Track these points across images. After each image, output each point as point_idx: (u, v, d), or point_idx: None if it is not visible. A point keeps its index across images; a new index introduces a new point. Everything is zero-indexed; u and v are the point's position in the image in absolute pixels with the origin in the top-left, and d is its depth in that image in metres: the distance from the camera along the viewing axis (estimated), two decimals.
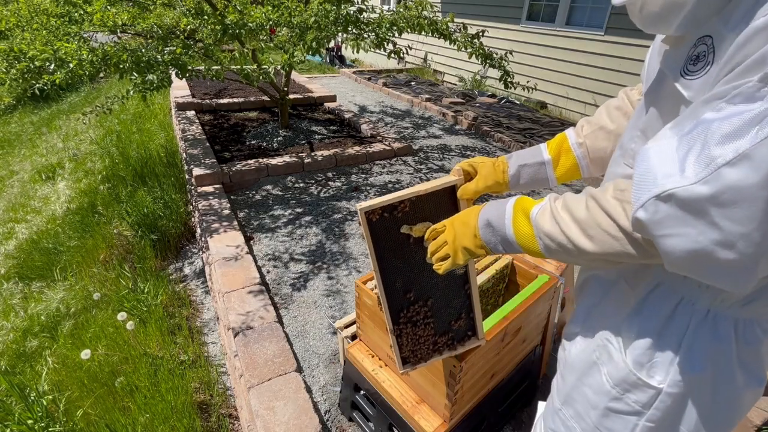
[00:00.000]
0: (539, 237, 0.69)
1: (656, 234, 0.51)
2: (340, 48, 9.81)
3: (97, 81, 8.97)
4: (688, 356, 0.64)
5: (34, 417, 1.73)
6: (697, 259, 0.49)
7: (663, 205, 0.50)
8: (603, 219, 0.61)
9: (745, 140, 0.44)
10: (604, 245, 0.60)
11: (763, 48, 0.44)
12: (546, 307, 1.47)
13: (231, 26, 2.96)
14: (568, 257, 0.66)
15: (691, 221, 0.48)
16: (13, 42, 2.69)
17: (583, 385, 0.78)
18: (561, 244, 0.65)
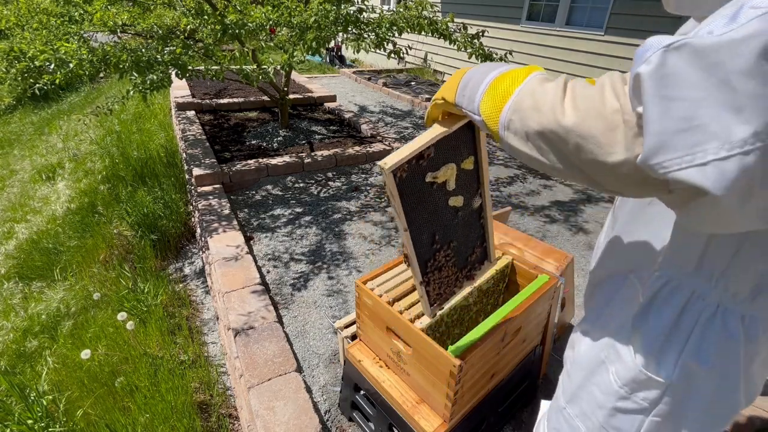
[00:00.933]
0: (518, 93, 0.57)
1: (654, 93, 0.41)
2: (340, 48, 9.81)
3: (97, 81, 8.97)
4: (697, 351, 0.64)
5: (34, 417, 1.73)
6: (689, 131, 0.40)
7: (672, 57, 0.40)
8: (607, 94, 0.49)
9: None
10: (584, 122, 0.48)
11: None
12: (546, 307, 1.47)
13: (231, 26, 2.96)
14: (533, 124, 0.54)
15: (701, 78, 0.39)
16: (13, 42, 2.68)
17: (590, 384, 0.77)
18: (538, 105, 0.53)
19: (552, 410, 0.89)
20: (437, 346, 1.10)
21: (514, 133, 0.57)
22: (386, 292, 1.28)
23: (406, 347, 1.22)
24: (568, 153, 0.51)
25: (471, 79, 0.65)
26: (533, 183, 3.78)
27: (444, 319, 1.30)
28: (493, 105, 0.60)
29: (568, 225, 3.10)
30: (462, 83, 0.66)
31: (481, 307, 1.50)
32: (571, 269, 1.76)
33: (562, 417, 0.84)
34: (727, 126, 0.38)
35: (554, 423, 0.87)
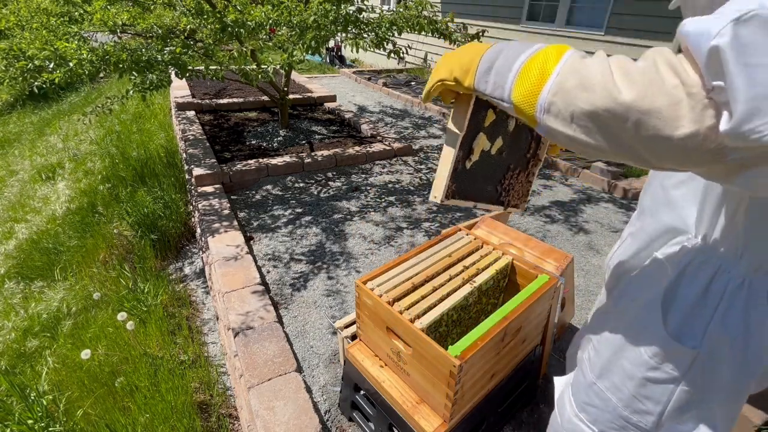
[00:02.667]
0: (559, 71, 0.53)
1: (737, 62, 0.40)
2: (340, 48, 9.81)
3: (97, 81, 8.97)
4: (724, 320, 0.67)
5: (34, 417, 1.73)
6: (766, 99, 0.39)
7: (744, 28, 0.40)
8: (663, 69, 0.47)
9: None
10: (646, 97, 0.46)
11: None
12: (546, 307, 1.47)
13: (230, 25, 2.96)
14: (582, 103, 0.50)
15: None
16: (14, 41, 2.68)
17: (620, 357, 0.80)
18: (588, 82, 0.50)
19: (579, 386, 0.91)
20: (437, 346, 1.10)
21: (555, 116, 0.54)
22: (386, 292, 1.28)
23: (406, 347, 1.22)
24: (623, 131, 0.49)
25: (495, 61, 0.60)
26: (533, 183, 3.78)
27: (444, 319, 1.30)
28: (528, 89, 0.55)
29: (568, 225, 3.10)
30: (482, 67, 0.61)
31: (481, 307, 1.50)
32: (571, 269, 1.76)
33: (592, 391, 0.86)
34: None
35: (584, 397, 0.89)
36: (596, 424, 0.86)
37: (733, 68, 0.41)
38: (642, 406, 0.78)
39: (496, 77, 0.59)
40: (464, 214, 3.17)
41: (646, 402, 0.77)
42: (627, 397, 0.79)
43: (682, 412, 0.75)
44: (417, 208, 3.22)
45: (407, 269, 1.40)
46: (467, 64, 0.63)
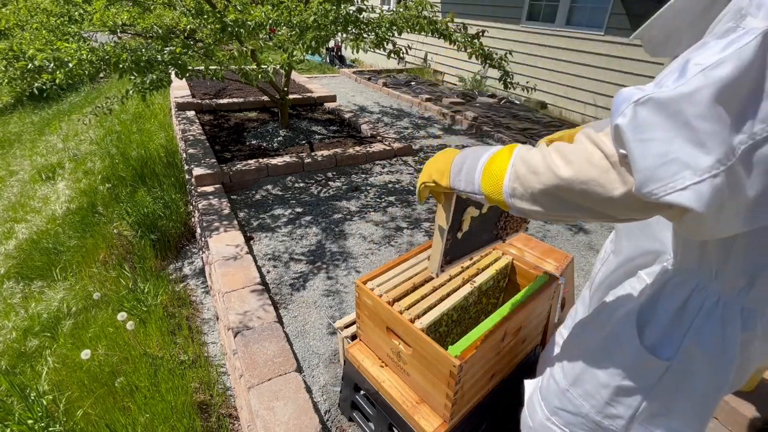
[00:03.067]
0: (512, 164, 0.67)
1: (633, 138, 0.51)
2: (340, 48, 9.81)
3: (97, 81, 8.97)
4: (697, 336, 0.72)
5: (34, 417, 1.73)
6: (667, 164, 0.49)
7: (641, 109, 0.51)
8: (589, 146, 0.58)
9: (720, 52, 0.47)
10: (581, 171, 0.57)
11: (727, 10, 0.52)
12: (546, 307, 1.47)
13: (230, 25, 2.96)
14: (536, 185, 0.62)
15: (668, 123, 0.49)
16: (13, 42, 2.68)
17: (594, 367, 0.84)
18: (534, 168, 0.62)
19: (551, 392, 0.95)
20: (437, 346, 1.10)
21: (521, 198, 0.66)
22: (386, 292, 1.28)
23: (406, 347, 1.22)
24: (575, 199, 0.59)
25: (463, 164, 0.75)
26: None
27: (444, 319, 1.30)
28: (493, 181, 0.69)
29: (568, 225, 3.10)
30: (454, 169, 0.76)
31: (481, 307, 1.50)
32: (571, 269, 1.76)
33: (566, 398, 0.90)
34: (695, 157, 0.48)
35: (556, 403, 0.92)
36: (568, 427, 0.90)
37: (631, 143, 0.51)
38: (613, 410, 0.82)
39: (466, 176, 0.74)
40: None
41: (618, 407, 0.81)
42: (600, 404, 0.83)
43: (652, 417, 0.79)
44: (417, 208, 3.22)
45: (407, 269, 1.40)
46: (442, 168, 0.78)
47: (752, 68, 0.46)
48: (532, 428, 1.01)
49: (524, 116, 5.65)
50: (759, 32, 0.46)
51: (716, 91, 0.46)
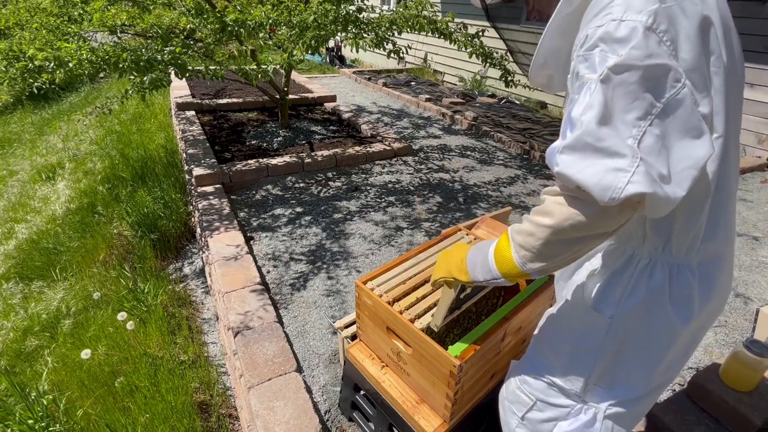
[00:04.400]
0: (512, 239, 0.82)
1: (572, 174, 0.67)
2: (340, 48, 9.80)
3: (97, 81, 8.97)
4: (630, 296, 0.85)
5: (34, 417, 1.73)
6: (605, 176, 0.65)
7: (563, 156, 0.69)
8: (550, 198, 0.76)
9: (586, 101, 0.67)
10: (559, 213, 0.73)
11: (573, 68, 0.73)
12: (546, 307, 1.46)
13: (230, 25, 2.96)
14: (536, 242, 0.76)
15: (583, 155, 0.67)
16: (13, 41, 2.68)
17: (554, 333, 1.00)
18: (528, 231, 0.77)
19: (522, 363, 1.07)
20: (437, 346, 1.10)
21: (532, 261, 0.79)
22: (386, 292, 1.28)
23: (406, 347, 1.22)
24: (570, 235, 0.73)
25: (476, 261, 0.90)
26: (533, 183, 3.78)
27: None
28: (505, 262, 0.83)
29: None
30: (470, 267, 0.91)
31: (481, 307, 1.50)
32: None
33: (532, 366, 1.03)
34: (616, 162, 0.65)
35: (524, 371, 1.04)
36: (534, 394, 1.00)
37: (573, 177, 0.68)
38: (572, 372, 0.94)
39: (482, 268, 0.89)
40: (464, 215, 3.17)
41: (575, 368, 0.93)
42: (560, 366, 0.95)
43: (605, 376, 0.91)
44: (417, 208, 3.22)
45: (407, 269, 1.39)
46: (458, 267, 0.94)
47: (605, 101, 0.65)
48: (505, 397, 1.10)
49: (524, 116, 5.65)
50: (593, 80, 0.66)
51: (597, 121, 0.65)
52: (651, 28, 0.64)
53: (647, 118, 0.64)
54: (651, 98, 0.64)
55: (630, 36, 0.64)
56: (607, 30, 0.66)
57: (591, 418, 0.94)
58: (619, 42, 0.65)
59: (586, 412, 0.95)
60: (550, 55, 0.85)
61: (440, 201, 3.35)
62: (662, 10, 0.65)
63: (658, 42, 0.64)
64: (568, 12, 0.78)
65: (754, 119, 4.22)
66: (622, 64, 0.64)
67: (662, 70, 0.64)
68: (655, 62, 0.64)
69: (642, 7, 0.65)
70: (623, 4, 0.66)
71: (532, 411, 1.02)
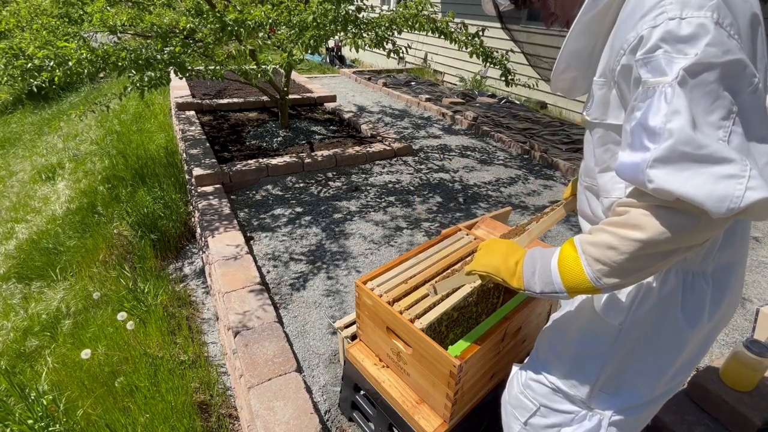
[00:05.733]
0: (584, 252, 0.74)
1: (674, 188, 0.61)
2: (340, 48, 9.80)
3: (97, 81, 8.97)
4: (642, 303, 0.83)
5: (34, 417, 1.73)
6: (715, 185, 0.59)
7: (655, 171, 0.62)
8: (639, 211, 0.67)
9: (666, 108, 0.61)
10: (652, 227, 0.65)
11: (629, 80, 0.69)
12: (546, 307, 1.47)
13: (230, 25, 2.96)
14: (619, 257, 0.69)
15: (683, 165, 0.60)
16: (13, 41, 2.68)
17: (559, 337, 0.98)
18: (609, 244, 0.69)
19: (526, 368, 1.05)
20: (437, 346, 1.10)
21: (608, 276, 0.71)
22: (386, 292, 1.28)
23: (406, 347, 1.22)
24: (662, 249, 0.66)
25: (532, 269, 0.82)
26: (534, 183, 3.78)
27: (444, 319, 1.30)
28: (573, 276, 0.75)
29: (568, 225, 3.10)
30: (526, 276, 0.82)
31: (481, 307, 1.50)
32: None
33: (534, 371, 1.01)
34: (729, 169, 0.58)
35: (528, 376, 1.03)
36: (538, 399, 0.99)
37: (676, 192, 0.61)
38: (577, 378, 0.92)
39: (541, 279, 0.80)
40: (464, 215, 3.16)
41: (581, 374, 0.92)
42: (565, 372, 0.94)
43: (611, 382, 0.90)
44: (417, 208, 3.22)
45: (407, 269, 1.39)
46: (511, 269, 0.84)
47: (686, 105, 0.60)
48: (507, 402, 1.09)
49: (524, 116, 5.65)
50: (668, 84, 0.61)
51: (691, 127, 0.59)
52: (718, 22, 0.60)
53: (730, 117, 0.60)
54: (730, 96, 0.60)
55: (698, 33, 0.60)
56: (667, 29, 0.62)
57: (596, 424, 0.93)
58: (686, 41, 0.60)
59: (590, 418, 0.94)
60: (573, 58, 0.82)
61: (440, 201, 3.35)
62: (722, 3, 0.61)
63: (728, 36, 0.60)
64: (593, 13, 0.75)
65: None
66: (699, 63, 0.59)
67: (740, 66, 0.60)
68: (733, 58, 0.59)
69: (702, 3, 0.61)
70: (678, 1, 0.62)
71: (536, 416, 1.01)
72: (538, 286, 0.81)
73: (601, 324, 0.88)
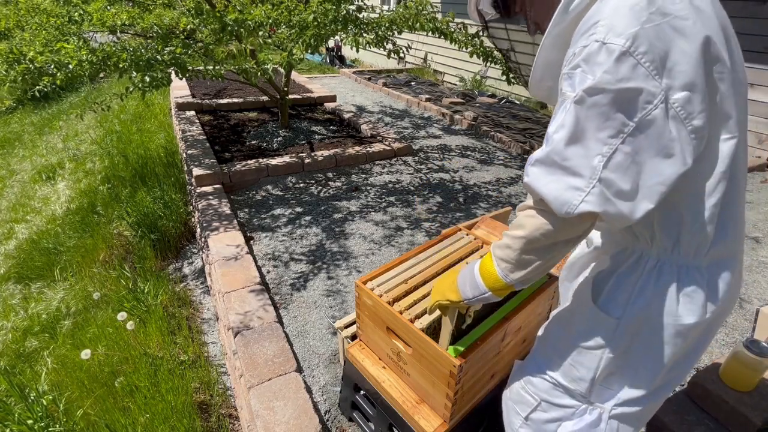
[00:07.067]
0: (493, 254, 0.87)
1: (537, 186, 0.75)
2: (340, 48, 9.81)
3: (98, 81, 8.97)
4: (638, 297, 0.85)
5: (34, 417, 1.73)
6: (564, 193, 0.72)
7: (533, 168, 0.77)
8: (523, 213, 0.83)
9: (560, 119, 0.73)
10: (530, 225, 0.79)
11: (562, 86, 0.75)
12: (546, 307, 1.47)
13: (231, 25, 2.96)
14: (513, 253, 0.83)
15: (549, 170, 0.74)
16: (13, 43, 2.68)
17: (560, 332, 0.99)
18: (506, 244, 0.84)
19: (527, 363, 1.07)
20: (437, 346, 1.10)
21: (512, 271, 0.84)
22: (386, 292, 1.28)
23: (406, 347, 1.22)
24: (542, 243, 0.80)
25: (465, 280, 0.94)
26: None
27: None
28: (490, 276, 0.88)
29: None
30: (460, 287, 0.95)
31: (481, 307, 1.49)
32: None
33: (535, 366, 1.03)
34: (575, 182, 0.72)
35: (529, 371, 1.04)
36: (539, 394, 1.01)
37: (538, 190, 0.75)
38: (577, 373, 0.94)
39: (470, 285, 0.92)
40: (464, 215, 3.17)
41: (580, 369, 0.93)
42: (565, 367, 0.96)
43: (610, 376, 0.92)
44: (417, 208, 3.22)
45: (407, 269, 1.39)
46: (451, 288, 0.97)
47: (577, 121, 0.70)
48: (509, 397, 1.10)
49: (524, 116, 5.65)
50: (570, 99, 0.71)
51: (566, 142, 0.71)
52: (628, 51, 0.65)
53: (619, 136, 0.68)
54: (623, 118, 0.67)
55: (604, 59, 0.67)
56: (589, 51, 0.69)
57: (596, 418, 0.94)
58: (597, 64, 0.67)
59: (591, 412, 0.95)
60: (547, 68, 0.86)
61: (440, 201, 3.35)
62: (644, 31, 0.66)
63: (634, 65, 0.66)
64: (563, 26, 0.79)
65: (754, 119, 4.23)
66: (595, 87, 0.67)
67: (633, 93, 0.66)
68: (626, 86, 0.66)
69: (623, 30, 0.66)
70: (606, 25, 0.67)
71: (537, 411, 1.02)
72: (469, 292, 0.92)
73: (599, 319, 0.89)
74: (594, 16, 0.70)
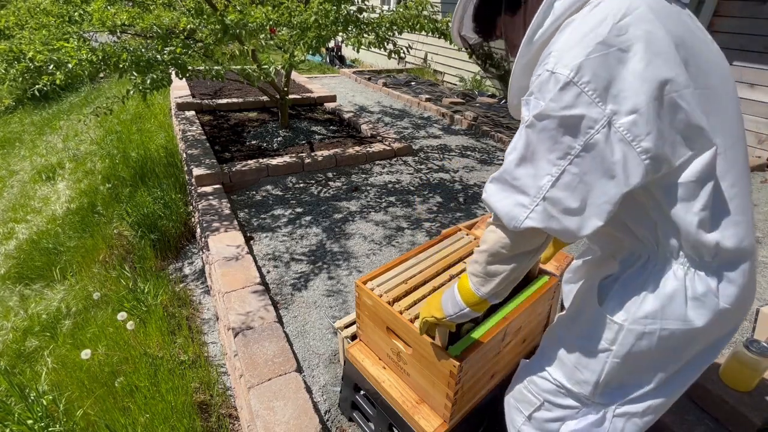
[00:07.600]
0: (467, 271, 0.94)
1: (491, 203, 0.83)
2: (340, 48, 9.81)
3: (98, 81, 8.97)
4: (644, 300, 0.85)
5: (34, 417, 1.73)
6: (512, 209, 0.79)
7: (490, 185, 0.84)
8: (486, 229, 0.90)
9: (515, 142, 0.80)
10: (491, 240, 0.87)
11: None
12: (546, 307, 1.47)
13: (231, 26, 2.96)
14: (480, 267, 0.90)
15: (503, 188, 0.82)
16: (13, 42, 2.68)
17: (565, 335, 0.99)
18: (474, 260, 0.91)
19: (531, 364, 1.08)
20: (437, 346, 1.10)
21: (483, 285, 0.91)
22: (386, 292, 1.28)
23: (406, 347, 1.22)
24: (503, 255, 0.86)
25: (446, 299, 1.00)
26: None
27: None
28: (466, 293, 0.95)
29: None
30: (443, 305, 1.01)
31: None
32: None
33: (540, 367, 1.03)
34: (522, 199, 0.79)
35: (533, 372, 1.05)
36: (542, 395, 1.02)
37: (492, 206, 0.83)
38: (581, 376, 0.94)
39: (452, 303, 0.98)
40: (464, 215, 3.17)
41: (585, 372, 0.93)
42: (569, 370, 0.96)
43: (614, 379, 0.92)
44: (417, 208, 3.22)
45: (408, 269, 1.39)
46: (436, 305, 1.03)
47: (528, 143, 0.77)
48: (512, 395, 1.11)
49: None
50: (524, 123, 0.78)
51: (516, 163, 0.79)
52: (572, 81, 0.70)
53: (566, 158, 0.73)
54: (570, 141, 0.73)
55: (551, 88, 0.72)
56: (541, 80, 0.74)
57: (600, 417, 0.95)
58: (546, 92, 0.73)
59: (595, 411, 0.96)
60: (520, 93, 0.89)
61: (440, 201, 3.35)
62: (589, 62, 0.70)
63: (577, 93, 0.70)
64: (529, 57, 0.83)
65: (754, 119, 4.22)
66: (542, 113, 0.74)
67: (577, 119, 0.71)
68: (570, 113, 0.71)
69: (569, 61, 0.71)
70: (556, 56, 0.73)
71: (540, 411, 1.03)
72: (450, 309, 0.98)
73: (604, 322, 0.89)
74: (550, 47, 0.75)
